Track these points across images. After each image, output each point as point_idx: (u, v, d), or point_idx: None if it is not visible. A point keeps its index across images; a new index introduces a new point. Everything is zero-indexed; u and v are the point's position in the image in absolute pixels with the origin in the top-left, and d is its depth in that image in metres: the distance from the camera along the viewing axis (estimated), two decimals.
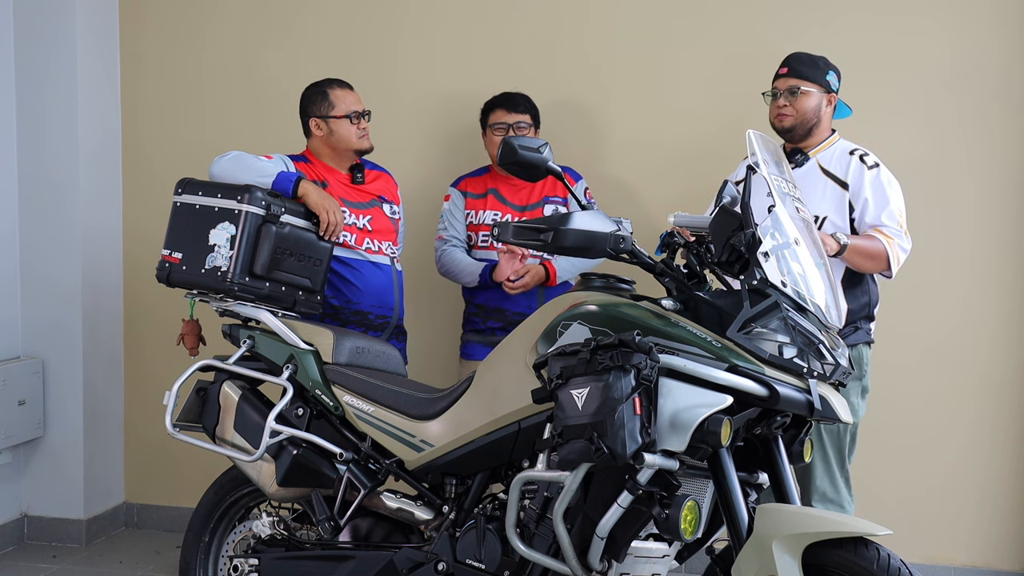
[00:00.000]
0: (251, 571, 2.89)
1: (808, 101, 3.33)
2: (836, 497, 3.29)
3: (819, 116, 3.35)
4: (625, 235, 2.35)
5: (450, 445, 2.66)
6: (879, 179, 3.28)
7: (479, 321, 3.73)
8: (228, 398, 2.93)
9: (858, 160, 3.31)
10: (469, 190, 3.78)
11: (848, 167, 3.30)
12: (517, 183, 3.70)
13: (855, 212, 3.27)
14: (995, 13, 3.85)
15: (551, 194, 3.71)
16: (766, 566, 2.14)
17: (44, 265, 4.28)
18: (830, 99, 3.37)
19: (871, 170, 3.28)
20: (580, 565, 2.37)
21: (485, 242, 3.72)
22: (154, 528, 4.56)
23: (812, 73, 3.34)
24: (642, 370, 2.18)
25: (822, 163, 3.34)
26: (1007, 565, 3.97)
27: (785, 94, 3.34)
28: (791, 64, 3.38)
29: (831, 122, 3.43)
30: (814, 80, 3.33)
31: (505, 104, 3.73)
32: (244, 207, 2.99)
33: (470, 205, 3.76)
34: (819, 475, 3.29)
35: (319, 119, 3.51)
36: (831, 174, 3.31)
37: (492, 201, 3.73)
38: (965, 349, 3.95)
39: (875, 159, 3.33)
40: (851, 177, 3.29)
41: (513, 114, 3.70)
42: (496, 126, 3.71)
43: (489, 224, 3.69)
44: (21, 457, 4.33)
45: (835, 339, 2.40)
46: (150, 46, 4.47)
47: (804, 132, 3.35)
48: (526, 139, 2.49)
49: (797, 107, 3.33)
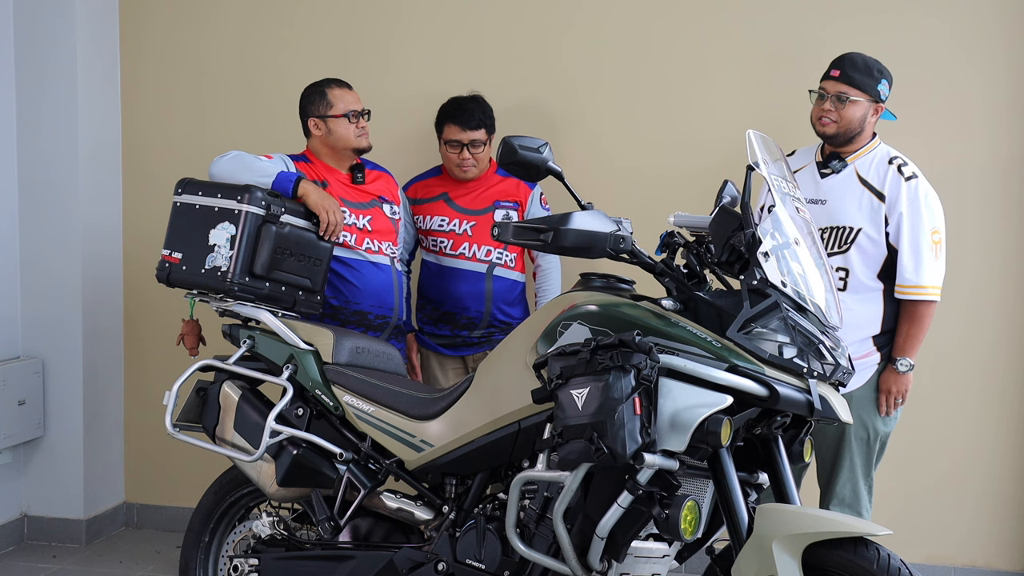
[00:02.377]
0: (251, 571, 2.90)
1: (855, 110, 3.19)
2: (855, 503, 3.25)
3: (863, 126, 3.23)
4: (625, 235, 2.35)
5: (450, 445, 2.66)
6: (916, 193, 3.17)
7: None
8: (228, 398, 2.93)
9: (896, 171, 3.20)
10: (419, 195, 3.77)
11: (885, 178, 3.19)
12: (468, 187, 3.70)
13: (889, 226, 3.18)
14: (997, 11, 3.85)
15: (501, 199, 3.69)
16: (766, 566, 2.14)
17: (44, 265, 4.28)
18: (877, 108, 3.25)
19: (908, 182, 3.18)
20: (580, 565, 2.37)
21: (435, 246, 3.71)
22: (154, 528, 4.55)
23: (864, 82, 3.20)
24: (642, 370, 2.18)
25: (859, 171, 3.24)
26: (1007, 565, 3.97)
27: (832, 99, 3.20)
28: (844, 68, 3.22)
29: (873, 128, 3.32)
30: (865, 89, 3.20)
31: (457, 119, 3.65)
32: (244, 207, 2.99)
33: (418, 211, 3.76)
34: (842, 481, 3.24)
35: (318, 119, 3.51)
36: (868, 184, 3.21)
37: (441, 205, 3.71)
38: (966, 350, 3.94)
39: (913, 169, 3.21)
40: (888, 188, 3.18)
41: (467, 131, 3.62)
42: (450, 143, 3.66)
43: (437, 230, 3.69)
44: (21, 457, 4.33)
45: (835, 339, 2.40)
46: (150, 46, 4.46)
47: (845, 140, 3.24)
48: (526, 139, 2.48)
49: (843, 115, 3.19)
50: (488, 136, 3.70)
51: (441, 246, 3.70)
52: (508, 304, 3.68)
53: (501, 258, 3.68)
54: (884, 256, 3.21)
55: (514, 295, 3.71)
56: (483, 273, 3.66)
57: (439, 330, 3.74)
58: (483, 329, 3.67)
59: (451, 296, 3.67)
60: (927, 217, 3.18)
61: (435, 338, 3.76)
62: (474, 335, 3.67)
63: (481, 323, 3.66)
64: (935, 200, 3.23)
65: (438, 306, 3.72)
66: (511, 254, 3.70)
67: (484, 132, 3.67)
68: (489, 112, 3.72)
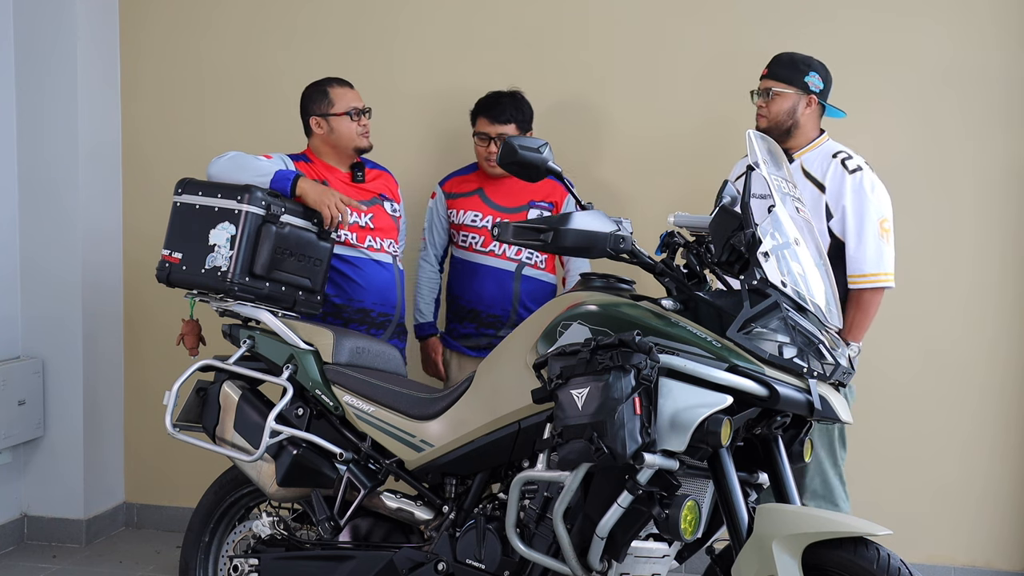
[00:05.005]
0: (251, 571, 2.90)
1: (781, 103, 3.29)
2: (828, 494, 3.28)
3: (795, 118, 3.29)
4: (625, 235, 2.35)
5: (450, 445, 2.66)
6: (861, 185, 3.22)
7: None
8: (228, 398, 2.93)
9: (839, 164, 3.25)
10: (454, 190, 3.76)
11: (827, 170, 3.26)
12: (505, 184, 3.67)
13: (832, 219, 3.23)
14: (995, 12, 3.85)
15: (537, 198, 3.66)
16: (766, 566, 2.14)
17: (44, 264, 4.28)
18: (809, 100, 3.30)
19: (852, 175, 3.23)
20: (580, 565, 2.37)
21: (466, 242, 3.70)
22: (154, 528, 4.56)
23: (787, 74, 3.30)
24: (642, 370, 2.18)
25: (804, 165, 3.30)
26: (1007, 565, 3.97)
27: (762, 95, 3.32)
28: (770, 65, 3.36)
29: (817, 123, 3.37)
30: (789, 81, 3.29)
31: (489, 112, 3.64)
32: (244, 207, 2.99)
33: (452, 205, 3.74)
34: (809, 474, 3.29)
35: (319, 117, 3.51)
36: (811, 176, 3.28)
37: (476, 201, 3.70)
38: (966, 350, 3.94)
39: (858, 162, 3.26)
40: (829, 180, 3.24)
41: (496, 125, 3.61)
42: (480, 136, 3.66)
43: (470, 225, 3.68)
44: (21, 457, 4.33)
45: (835, 339, 2.40)
46: (150, 46, 4.47)
47: (781, 134, 3.27)
48: (526, 139, 2.48)
49: (771, 108, 3.30)
50: (520, 132, 3.66)
51: (472, 242, 3.67)
52: (536, 304, 3.57)
53: (531, 258, 3.64)
54: (828, 244, 3.21)
55: (543, 297, 3.64)
56: (512, 272, 3.63)
57: (464, 328, 3.71)
58: (509, 328, 3.60)
59: (478, 293, 3.64)
60: (873, 207, 3.22)
61: (460, 338, 3.73)
62: (500, 335, 3.61)
63: (507, 322, 3.63)
64: (882, 191, 3.27)
65: (465, 302, 3.69)
66: (542, 255, 3.67)
67: (514, 127, 3.64)
68: (524, 108, 3.70)
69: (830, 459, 3.30)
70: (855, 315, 3.25)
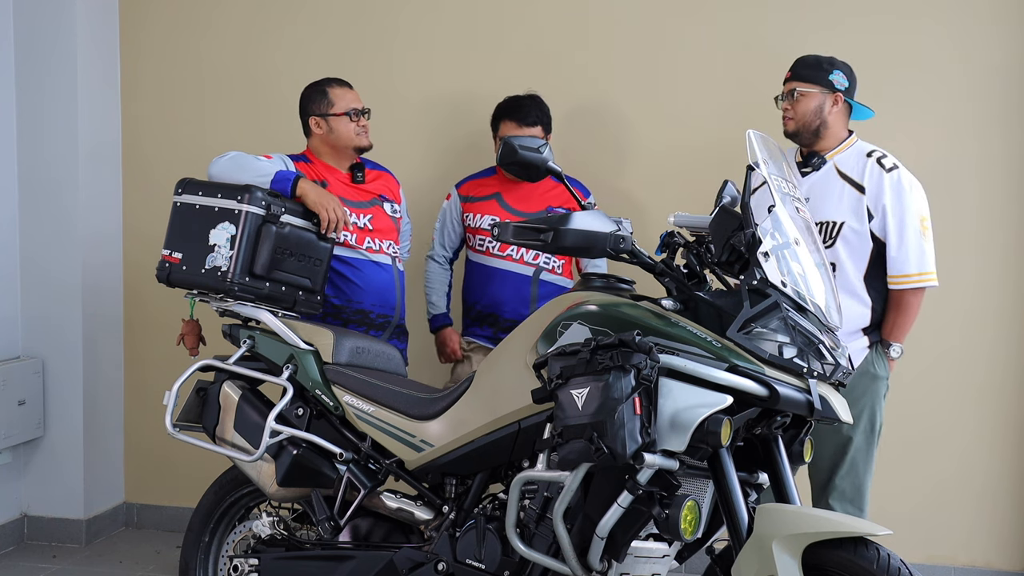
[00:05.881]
0: (251, 571, 2.90)
1: (807, 103, 3.26)
2: (856, 499, 3.24)
3: (823, 118, 3.27)
4: (625, 235, 2.35)
5: (450, 445, 2.66)
6: (900, 183, 3.19)
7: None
8: (228, 398, 2.93)
9: (875, 163, 3.23)
10: (471, 193, 3.74)
11: (864, 170, 3.23)
12: (524, 189, 3.66)
13: (873, 220, 3.20)
14: (996, 13, 3.85)
15: (555, 203, 3.64)
16: (766, 566, 2.14)
17: (44, 265, 4.28)
18: (836, 99, 3.28)
19: (889, 173, 3.20)
20: (580, 565, 2.37)
21: (482, 246, 3.69)
22: (154, 528, 4.56)
23: (811, 74, 3.28)
24: (642, 370, 2.18)
25: (839, 166, 3.27)
26: (1007, 565, 3.97)
27: (787, 97, 3.30)
28: (793, 67, 3.34)
29: (846, 123, 3.35)
30: (813, 81, 3.27)
31: (515, 116, 3.63)
32: (244, 207, 2.99)
33: (468, 208, 3.73)
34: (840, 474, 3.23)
35: (319, 117, 3.51)
36: (848, 177, 3.24)
37: (493, 205, 3.69)
38: (966, 350, 3.95)
39: (893, 161, 3.25)
40: (868, 180, 3.21)
41: (524, 128, 3.60)
42: None
43: (487, 228, 3.65)
44: (21, 457, 4.33)
45: (835, 339, 2.40)
46: (150, 46, 4.47)
47: (810, 135, 3.28)
48: (526, 139, 2.49)
49: (797, 109, 3.27)
50: (545, 135, 3.66)
51: (488, 246, 3.66)
52: None
53: (548, 263, 3.63)
54: (870, 248, 3.21)
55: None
56: (529, 277, 3.62)
57: (481, 330, 3.70)
58: None
59: (495, 297, 3.64)
60: (912, 206, 3.20)
61: (478, 339, 3.73)
62: None
63: None
64: (919, 189, 3.25)
65: (482, 307, 3.68)
66: (559, 260, 3.65)
67: (541, 130, 3.64)
68: (546, 111, 3.69)
69: (864, 464, 3.25)
70: (896, 317, 3.22)
